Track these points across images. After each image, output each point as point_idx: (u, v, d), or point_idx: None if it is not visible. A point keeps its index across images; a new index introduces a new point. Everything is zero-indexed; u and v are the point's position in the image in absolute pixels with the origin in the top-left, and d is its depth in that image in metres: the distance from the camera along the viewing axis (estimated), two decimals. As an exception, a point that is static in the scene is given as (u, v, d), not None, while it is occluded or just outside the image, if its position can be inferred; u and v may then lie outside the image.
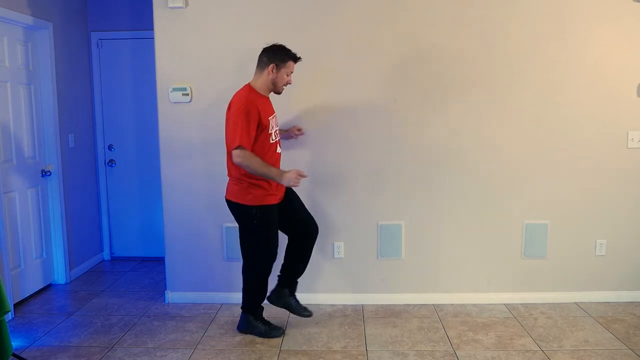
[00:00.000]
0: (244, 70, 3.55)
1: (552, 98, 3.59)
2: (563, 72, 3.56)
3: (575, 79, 3.57)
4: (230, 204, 3.12)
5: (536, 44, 3.54)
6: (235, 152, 2.91)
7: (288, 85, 3.13)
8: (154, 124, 3.94)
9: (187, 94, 3.63)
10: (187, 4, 3.57)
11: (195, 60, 3.62)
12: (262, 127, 2.98)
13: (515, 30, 3.54)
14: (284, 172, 2.98)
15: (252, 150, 2.95)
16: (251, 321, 3.26)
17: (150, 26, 3.69)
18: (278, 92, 3.12)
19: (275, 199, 3.12)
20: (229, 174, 3.12)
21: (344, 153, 3.66)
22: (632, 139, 3.61)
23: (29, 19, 3.84)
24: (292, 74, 3.12)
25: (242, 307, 3.30)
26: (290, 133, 3.52)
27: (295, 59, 3.07)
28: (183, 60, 3.62)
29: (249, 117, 2.90)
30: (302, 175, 2.99)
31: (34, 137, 4.01)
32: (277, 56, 3.01)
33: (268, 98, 3.13)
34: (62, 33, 4.28)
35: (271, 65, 3.00)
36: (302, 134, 3.56)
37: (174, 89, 3.63)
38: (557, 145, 3.62)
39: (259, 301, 3.29)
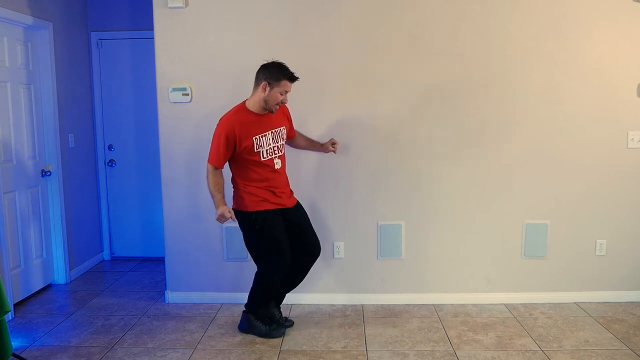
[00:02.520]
0: (243, 70, 3.55)
1: (552, 98, 3.58)
2: (563, 72, 3.56)
3: (575, 79, 3.57)
4: (234, 211, 3.12)
5: (536, 44, 3.54)
6: (207, 167, 3.07)
7: (283, 103, 3.04)
8: (154, 124, 3.94)
9: (187, 94, 3.63)
10: (187, 4, 3.57)
11: (195, 60, 3.62)
12: (243, 148, 2.98)
13: (515, 30, 3.54)
14: (222, 205, 3.00)
15: (236, 168, 3.09)
16: (252, 321, 3.26)
17: (150, 26, 3.69)
18: (270, 111, 3.03)
19: (272, 205, 3.08)
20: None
21: (344, 153, 3.65)
22: (632, 139, 3.61)
23: (29, 19, 3.84)
24: (288, 93, 3.03)
25: (245, 306, 3.30)
26: (325, 148, 3.46)
27: (292, 78, 2.96)
28: (183, 60, 3.62)
29: (221, 139, 2.97)
30: (226, 218, 3.00)
31: (34, 137, 4.01)
32: (271, 74, 2.93)
33: (263, 115, 3.04)
34: (62, 33, 4.28)
35: (264, 83, 2.93)
36: (337, 147, 3.47)
37: (174, 89, 3.63)
38: (557, 145, 3.62)
39: (264, 305, 3.27)
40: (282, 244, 3.10)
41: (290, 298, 3.72)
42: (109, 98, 4.80)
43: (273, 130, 3.08)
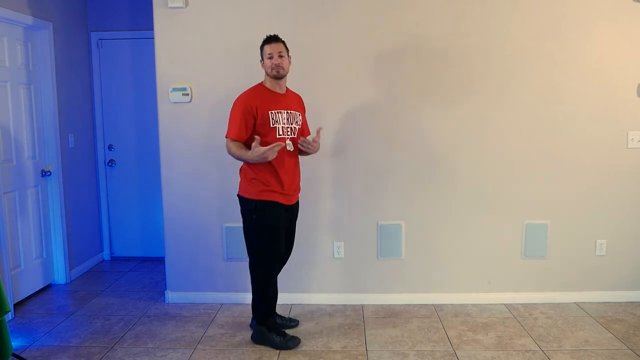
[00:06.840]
0: (244, 70, 3.55)
1: (552, 98, 3.59)
2: (563, 72, 3.56)
3: (575, 79, 3.57)
4: (238, 197, 3.13)
5: (536, 44, 3.54)
6: (226, 143, 3.04)
7: (277, 66, 2.98)
8: (154, 124, 3.95)
9: (187, 94, 3.63)
10: (187, 4, 3.57)
11: (195, 60, 3.62)
12: (261, 121, 2.97)
13: (515, 30, 3.54)
14: (254, 149, 2.88)
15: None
16: (264, 333, 3.12)
17: (150, 26, 3.69)
18: (275, 77, 3.02)
19: (279, 197, 3.02)
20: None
21: (344, 153, 3.66)
22: (632, 139, 3.61)
23: (29, 19, 3.84)
24: (281, 57, 3.03)
25: (253, 318, 3.19)
26: (311, 147, 3.15)
27: (267, 40, 3.05)
28: (183, 60, 3.62)
29: (240, 111, 2.99)
30: (264, 149, 2.86)
31: (34, 137, 4.01)
32: (260, 49, 3.10)
33: (282, 94, 3.08)
34: (62, 33, 4.28)
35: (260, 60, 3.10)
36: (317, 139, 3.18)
37: (174, 89, 3.63)
38: (557, 145, 3.62)
39: (268, 309, 3.16)
40: (277, 242, 3.06)
41: (290, 298, 3.73)
42: (109, 98, 4.80)
43: (289, 111, 3.08)
